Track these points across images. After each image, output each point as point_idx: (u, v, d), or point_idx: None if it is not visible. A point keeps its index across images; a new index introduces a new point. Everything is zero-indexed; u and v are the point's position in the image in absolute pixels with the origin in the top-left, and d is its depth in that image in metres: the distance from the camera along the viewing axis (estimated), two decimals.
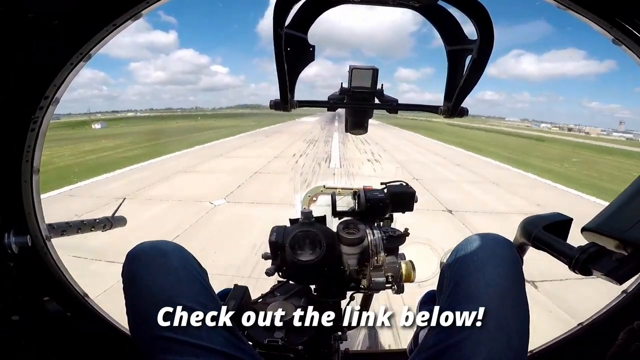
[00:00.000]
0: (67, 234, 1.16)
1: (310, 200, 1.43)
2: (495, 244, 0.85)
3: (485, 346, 0.71)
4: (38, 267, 1.01)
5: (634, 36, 0.78)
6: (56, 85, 0.85)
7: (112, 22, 0.81)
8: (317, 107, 1.01)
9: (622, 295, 1.16)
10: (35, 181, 0.93)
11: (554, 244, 0.90)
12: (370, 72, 0.95)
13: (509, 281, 0.79)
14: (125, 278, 0.82)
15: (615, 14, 0.77)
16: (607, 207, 0.82)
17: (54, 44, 0.79)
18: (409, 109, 1.03)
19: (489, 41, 0.80)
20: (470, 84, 0.88)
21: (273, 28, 0.79)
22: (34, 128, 0.87)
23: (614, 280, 0.77)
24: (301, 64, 0.90)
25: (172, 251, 0.84)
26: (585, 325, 1.27)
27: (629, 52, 0.83)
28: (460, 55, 0.88)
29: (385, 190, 1.11)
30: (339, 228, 1.03)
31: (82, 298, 1.15)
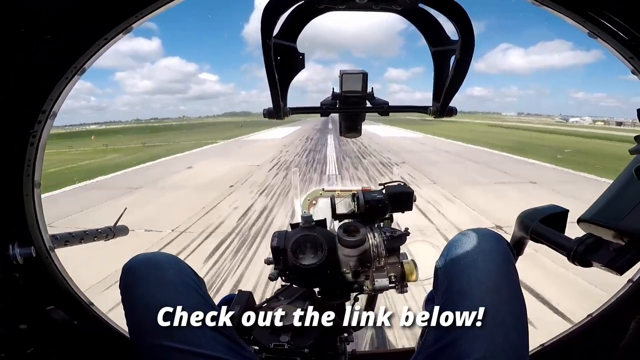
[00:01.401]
0: (70, 244, 1.18)
1: (310, 204, 1.44)
2: (485, 239, 0.85)
3: (484, 342, 0.71)
4: (43, 276, 1.04)
5: (606, 28, 0.79)
6: (53, 99, 0.87)
7: (104, 36, 0.83)
8: (310, 114, 1.02)
9: (628, 284, 1.15)
10: (36, 194, 0.96)
11: (551, 237, 0.90)
12: (360, 76, 0.97)
13: (501, 276, 0.79)
14: (122, 290, 0.83)
15: (587, 8, 0.78)
16: (601, 197, 0.82)
17: (48, 58, 0.82)
18: (400, 111, 1.04)
19: (470, 41, 0.81)
20: (457, 83, 0.90)
21: (261, 39, 0.81)
22: (33, 142, 0.89)
23: (614, 271, 0.76)
24: (292, 73, 0.92)
25: (167, 263, 0.86)
26: (595, 316, 1.26)
27: (605, 44, 0.84)
28: (445, 56, 0.90)
29: (383, 191, 1.12)
30: (340, 231, 1.04)
31: (87, 306, 1.18)
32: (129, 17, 0.82)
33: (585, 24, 0.81)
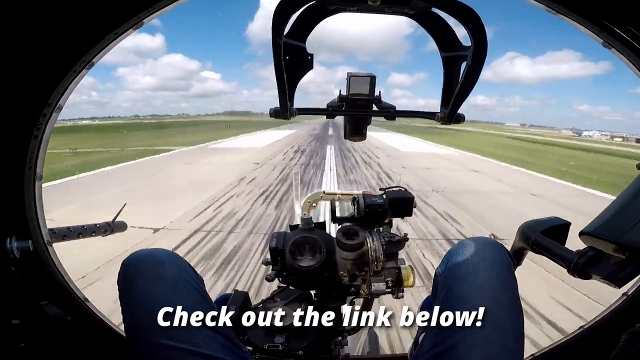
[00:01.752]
0: (68, 238, 1.18)
1: (310, 206, 1.44)
2: (486, 247, 0.85)
3: (480, 349, 0.71)
4: (39, 271, 1.02)
5: (623, 39, 0.79)
6: (59, 92, 0.86)
7: (114, 30, 0.82)
8: (316, 115, 1.02)
9: (622, 298, 1.16)
10: (37, 187, 0.94)
11: (552, 248, 0.90)
12: (368, 79, 0.96)
13: (501, 284, 0.79)
14: (121, 286, 0.82)
15: (604, 18, 0.78)
16: (605, 210, 0.83)
17: (57, 51, 0.80)
18: (407, 116, 1.04)
19: (483, 47, 0.81)
20: (466, 90, 0.89)
21: (272, 37, 0.80)
22: (37, 135, 0.88)
23: (613, 284, 0.77)
24: (300, 72, 0.92)
25: (168, 259, 0.85)
26: (587, 328, 1.27)
27: (619, 54, 0.84)
28: (456, 62, 0.90)
29: (384, 195, 1.12)
30: (339, 234, 1.03)
31: (82, 302, 1.16)
32: (141, 12, 0.81)
33: (600, 33, 0.81)
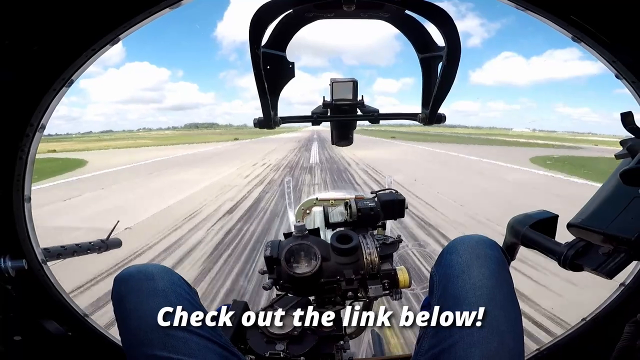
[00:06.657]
0: (62, 257, 1.18)
1: (304, 213, 1.44)
2: (479, 244, 0.84)
3: (478, 348, 0.70)
4: (36, 289, 1.03)
5: (589, 32, 0.80)
6: (41, 111, 0.87)
7: (91, 47, 0.83)
8: (301, 122, 1.03)
9: (620, 289, 1.16)
10: (27, 209, 0.95)
11: (542, 242, 0.90)
12: (350, 84, 0.98)
13: (496, 281, 0.78)
14: (115, 301, 0.83)
15: (571, 12, 0.79)
16: (589, 201, 0.83)
17: (35, 70, 0.81)
18: (390, 118, 1.05)
19: (456, 47, 0.82)
20: (444, 90, 0.90)
21: (250, 48, 0.81)
22: (22, 156, 0.88)
23: (604, 275, 0.77)
24: (282, 82, 0.93)
25: (159, 273, 0.85)
26: (589, 320, 1.26)
27: (588, 48, 0.85)
28: (432, 63, 0.91)
29: (376, 198, 1.13)
30: (333, 239, 1.03)
31: (82, 318, 1.17)
32: (117, 27, 0.82)
33: (568, 28, 0.82)
